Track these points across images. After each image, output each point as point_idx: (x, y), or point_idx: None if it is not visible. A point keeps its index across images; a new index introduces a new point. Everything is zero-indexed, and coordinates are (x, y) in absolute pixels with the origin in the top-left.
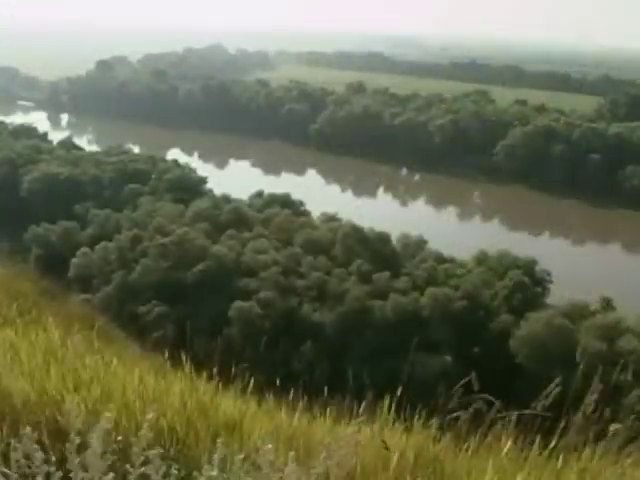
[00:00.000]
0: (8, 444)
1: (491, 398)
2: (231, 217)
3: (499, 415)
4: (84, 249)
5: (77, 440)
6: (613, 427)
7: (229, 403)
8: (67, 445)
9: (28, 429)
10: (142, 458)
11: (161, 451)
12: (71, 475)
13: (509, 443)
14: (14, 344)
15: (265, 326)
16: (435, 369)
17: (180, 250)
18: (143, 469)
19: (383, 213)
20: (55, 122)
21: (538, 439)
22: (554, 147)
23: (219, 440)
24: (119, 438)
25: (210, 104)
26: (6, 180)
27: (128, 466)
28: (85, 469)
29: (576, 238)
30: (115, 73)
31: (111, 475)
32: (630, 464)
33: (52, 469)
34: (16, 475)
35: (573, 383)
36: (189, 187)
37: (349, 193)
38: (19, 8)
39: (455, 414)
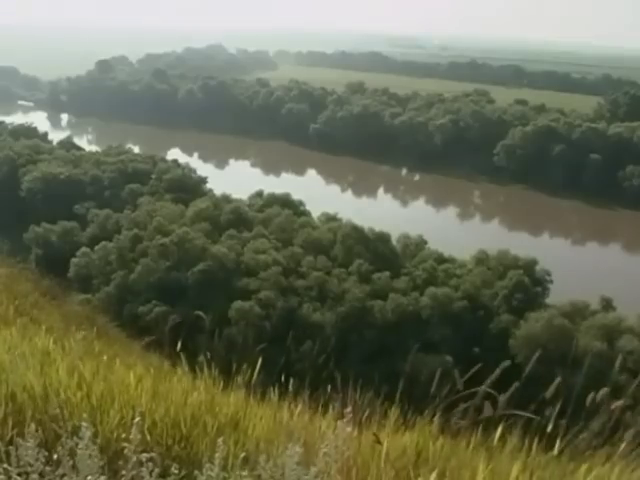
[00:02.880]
0: (10, 442)
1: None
2: (231, 217)
3: (499, 413)
4: (84, 249)
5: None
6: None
7: (231, 400)
8: (59, 448)
9: (32, 427)
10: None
11: (162, 450)
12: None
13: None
14: (15, 343)
15: (265, 326)
16: (435, 369)
17: (180, 250)
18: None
19: (383, 213)
20: (55, 122)
21: (537, 439)
22: (554, 147)
23: (220, 439)
24: (123, 436)
25: (210, 104)
26: (6, 180)
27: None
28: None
29: (576, 238)
30: (115, 73)
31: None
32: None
33: (51, 467)
34: (16, 471)
35: (576, 384)
36: (189, 187)
37: (349, 193)
38: (19, 8)
39: (455, 412)
